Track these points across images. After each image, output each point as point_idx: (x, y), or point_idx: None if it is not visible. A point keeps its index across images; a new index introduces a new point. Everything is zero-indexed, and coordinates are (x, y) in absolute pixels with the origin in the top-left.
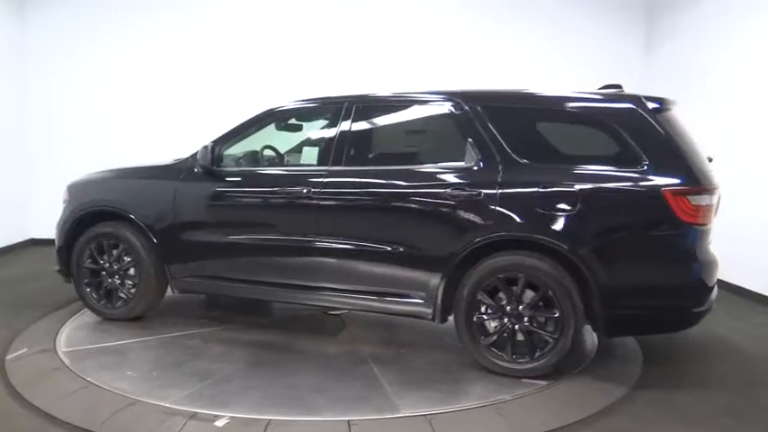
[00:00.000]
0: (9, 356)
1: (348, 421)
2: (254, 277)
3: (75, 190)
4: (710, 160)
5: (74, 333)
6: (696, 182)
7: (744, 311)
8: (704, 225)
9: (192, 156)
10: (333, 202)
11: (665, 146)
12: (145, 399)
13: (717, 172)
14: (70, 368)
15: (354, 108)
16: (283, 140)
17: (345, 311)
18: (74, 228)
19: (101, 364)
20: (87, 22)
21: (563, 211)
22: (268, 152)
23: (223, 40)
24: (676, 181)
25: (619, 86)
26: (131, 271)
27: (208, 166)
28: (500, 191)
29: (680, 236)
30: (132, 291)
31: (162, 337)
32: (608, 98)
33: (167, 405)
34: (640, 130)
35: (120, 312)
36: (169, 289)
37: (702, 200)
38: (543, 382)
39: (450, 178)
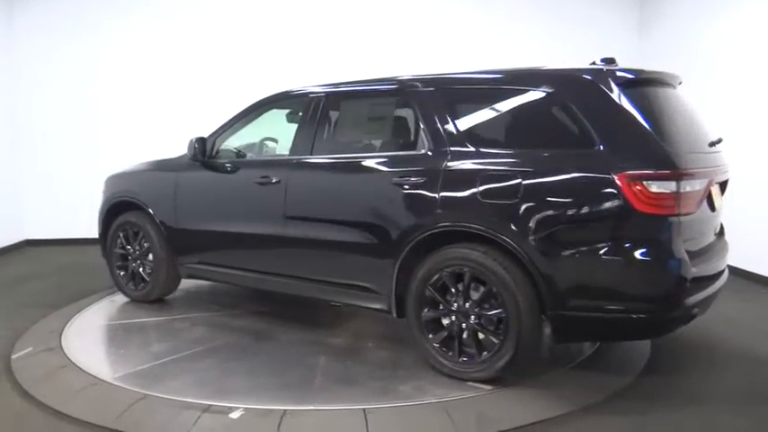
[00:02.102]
0: (15, 356)
1: (237, 407)
2: (237, 264)
3: (109, 182)
4: (714, 143)
5: (87, 315)
6: (657, 165)
7: (750, 296)
8: (675, 216)
9: None
10: (297, 192)
11: (624, 124)
12: (92, 372)
13: (716, 156)
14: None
15: (320, 98)
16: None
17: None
18: (107, 217)
19: (86, 341)
20: (76, 17)
21: (505, 199)
22: (271, 144)
23: (220, 32)
24: (632, 164)
25: (612, 60)
26: (150, 256)
27: (194, 157)
28: (443, 179)
29: (639, 228)
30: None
31: (160, 319)
32: (562, 72)
33: (137, 390)
34: (597, 107)
35: (140, 294)
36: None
37: (667, 186)
38: (488, 387)
39: (401, 166)
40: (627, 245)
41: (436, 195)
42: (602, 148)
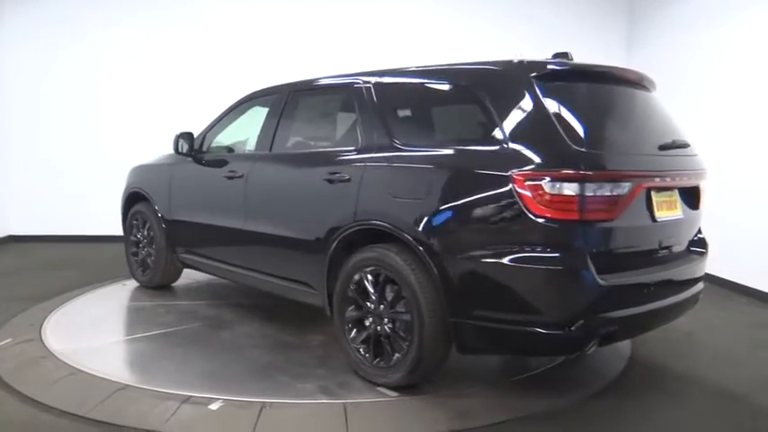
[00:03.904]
0: None
1: (217, 398)
2: (212, 255)
3: (129, 174)
4: (667, 147)
5: (69, 307)
6: (558, 164)
7: (728, 303)
8: (579, 221)
9: None
10: (254, 186)
11: (532, 120)
12: (71, 363)
13: (667, 159)
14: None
15: (283, 95)
16: None
17: None
18: (126, 206)
19: (66, 332)
20: (66, 20)
21: (412, 198)
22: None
23: (217, 29)
24: (531, 163)
25: (565, 54)
26: (154, 245)
27: (177, 151)
28: (363, 176)
29: (538, 233)
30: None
31: (142, 304)
32: (476, 65)
33: (117, 381)
34: (506, 102)
35: (145, 280)
36: None
37: (569, 188)
38: (394, 395)
39: (333, 163)
40: (524, 251)
41: (357, 193)
42: (507, 145)
